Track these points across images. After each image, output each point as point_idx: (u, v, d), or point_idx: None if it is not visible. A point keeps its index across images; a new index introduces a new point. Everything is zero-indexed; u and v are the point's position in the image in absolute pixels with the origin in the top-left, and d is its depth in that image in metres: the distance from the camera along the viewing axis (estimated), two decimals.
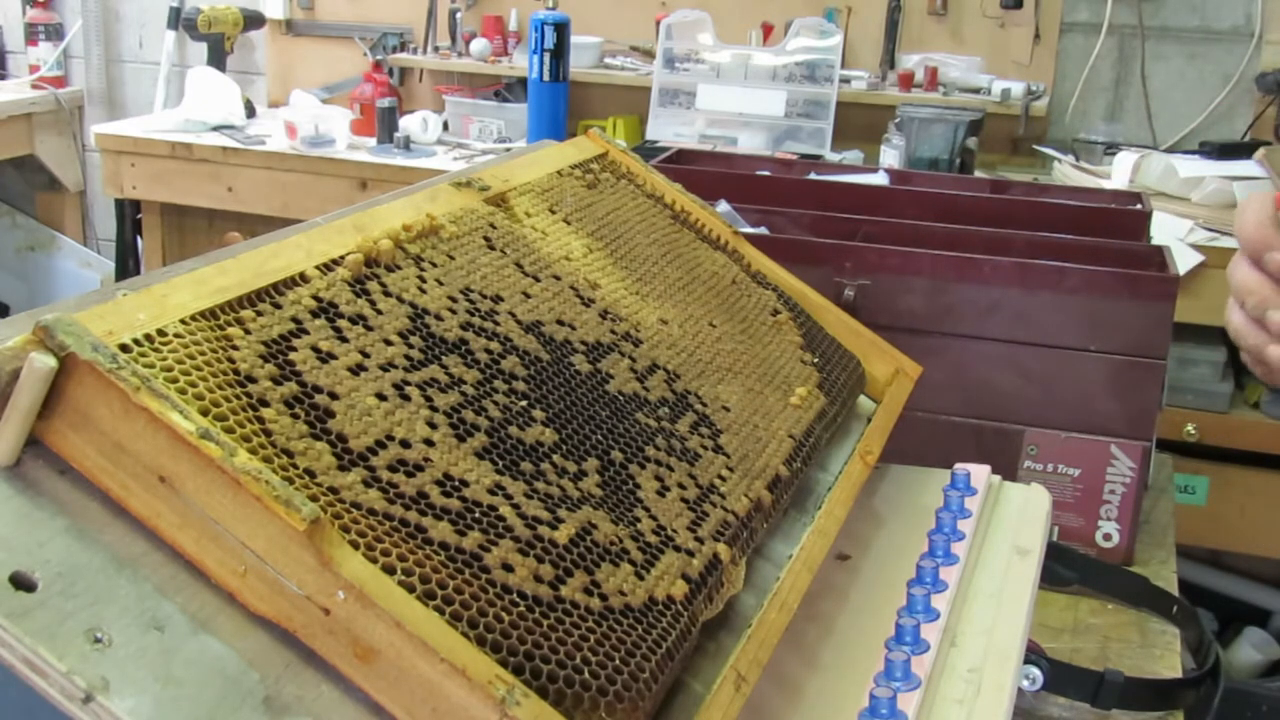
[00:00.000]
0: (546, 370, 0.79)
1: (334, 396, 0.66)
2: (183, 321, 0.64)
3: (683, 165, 1.82)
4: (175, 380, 0.61)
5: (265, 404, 0.63)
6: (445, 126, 2.94)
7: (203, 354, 0.63)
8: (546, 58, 2.73)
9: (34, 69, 3.53)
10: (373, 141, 2.82)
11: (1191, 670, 1.14)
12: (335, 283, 0.74)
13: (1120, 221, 1.63)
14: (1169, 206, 2.32)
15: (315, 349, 0.68)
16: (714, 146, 2.69)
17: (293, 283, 0.72)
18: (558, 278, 0.89)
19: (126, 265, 3.26)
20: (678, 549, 0.71)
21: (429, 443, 0.67)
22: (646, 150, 2.44)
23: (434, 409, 0.69)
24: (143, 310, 0.64)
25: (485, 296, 0.82)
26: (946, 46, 2.90)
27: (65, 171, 3.58)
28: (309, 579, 0.56)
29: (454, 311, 0.78)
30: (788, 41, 2.82)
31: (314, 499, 0.58)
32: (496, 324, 0.80)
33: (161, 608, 0.56)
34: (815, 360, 1.01)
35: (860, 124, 2.82)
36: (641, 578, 0.67)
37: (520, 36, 3.11)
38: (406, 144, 2.78)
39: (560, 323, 0.84)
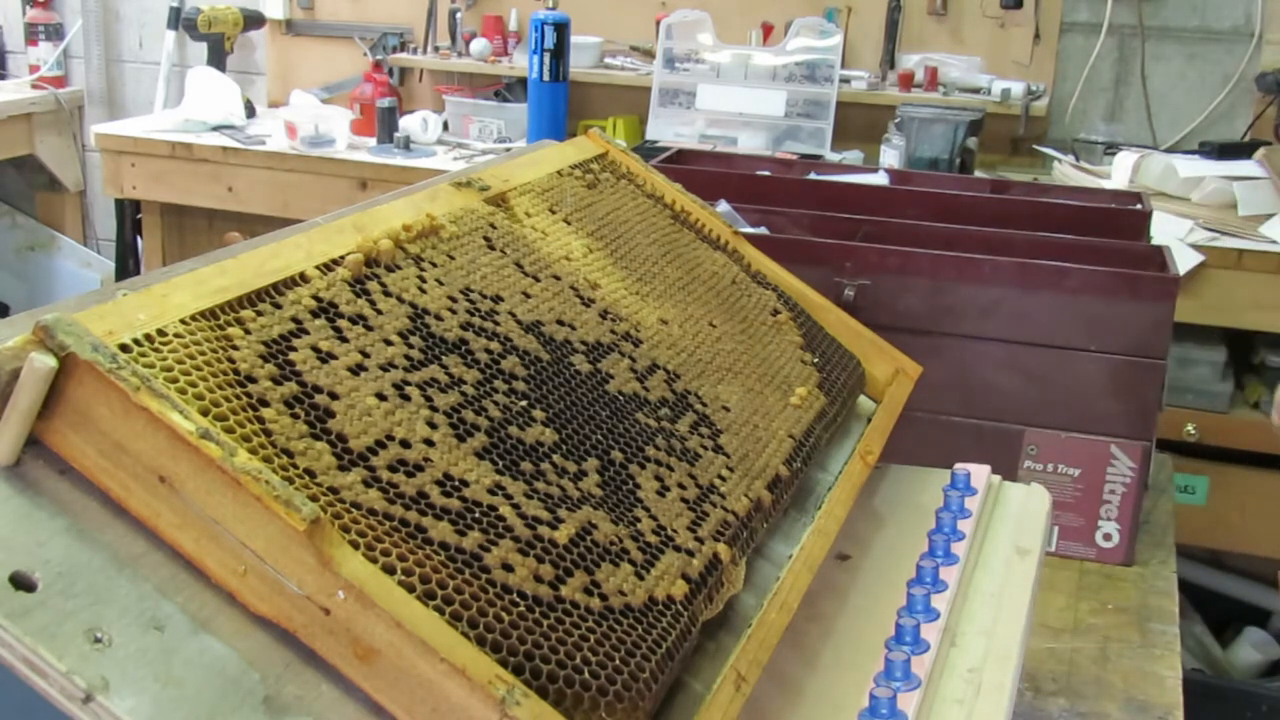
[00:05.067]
0: (546, 370, 0.79)
1: (334, 396, 0.66)
2: (183, 321, 0.64)
3: (683, 165, 1.82)
4: (175, 380, 0.61)
5: (265, 404, 0.63)
6: (445, 126, 2.94)
7: (203, 354, 0.63)
8: (546, 58, 2.73)
9: (34, 69, 3.53)
10: (373, 141, 2.82)
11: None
12: (335, 283, 0.74)
13: (1120, 221, 1.63)
14: (1169, 206, 2.32)
15: (315, 349, 0.68)
16: (714, 146, 2.69)
17: (293, 283, 0.72)
18: (558, 278, 0.89)
19: (126, 265, 3.26)
20: (678, 549, 0.71)
21: (429, 443, 0.67)
22: (646, 150, 2.44)
23: (434, 409, 0.69)
24: (143, 310, 0.64)
25: (485, 296, 0.82)
26: (946, 46, 2.90)
27: (65, 171, 3.58)
28: (309, 579, 0.56)
29: (454, 311, 0.78)
30: (788, 41, 2.82)
31: (314, 499, 0.58)
32: (496, 324, 0.80)
33: (161, 608, 0.56)
34: (815, 360, 1.01)
35: (860, 124, 2.81)
36: (641, 578, 0.67)
37: (520, 36, 3.10)
38: (406, 144, 2.78)
39: (560, 323, 0.84)
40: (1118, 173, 2.47)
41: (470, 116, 2.96)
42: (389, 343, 0.72)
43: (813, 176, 1.87)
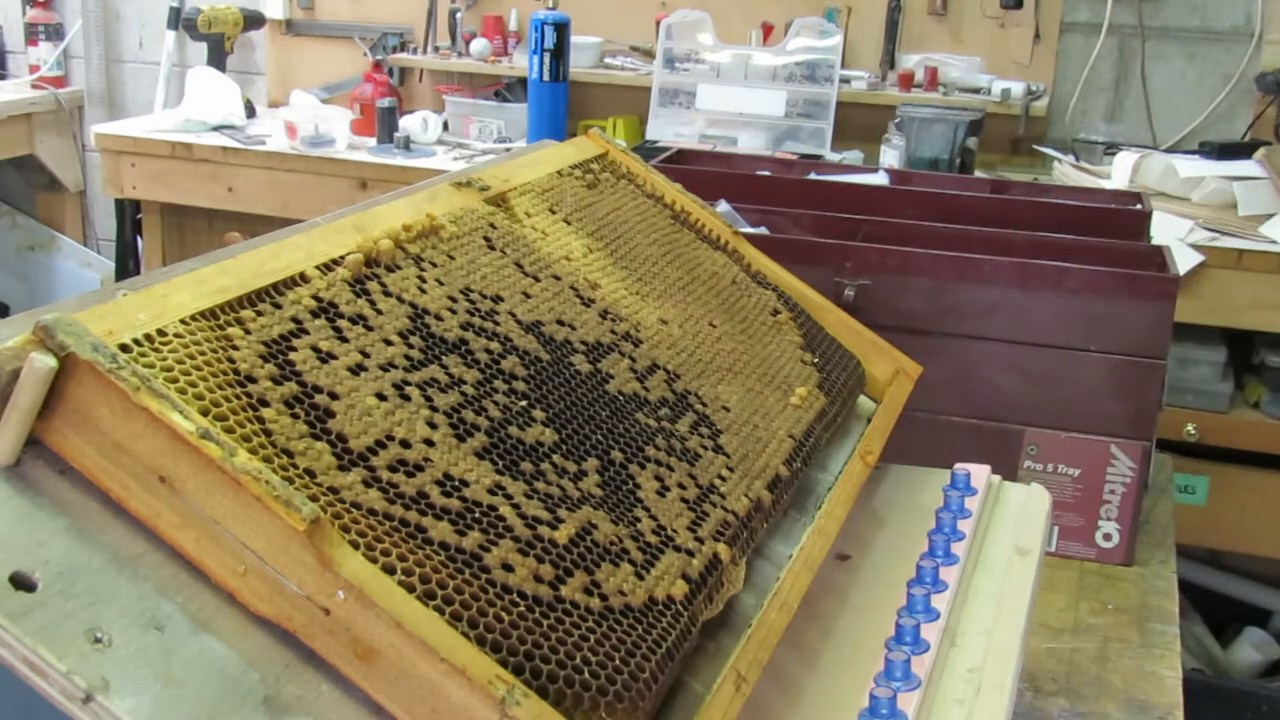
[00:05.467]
0: (546, 370, 0.79)
1: (334, 396, 0.66)
2: (183, 321, 0.64)
3: (683, 165, 1.82)
4: (175, 380, 0.61)
5: (265, 404, 0.63)
6: (445, 126, 2.94)
7: (203, 354, 0.63)
8: (546, 58, 2.73)
9: (34, 69, 3.53)
10: (373, 141, 2.82)
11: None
12: (335, 283, 0.74)
13: (1120, 221, 1.63)
14: (1169, 206, 2.32)
15: (315, 349, 0.68)
16: (714, 146, 2.69)
17: (293, 283, 0.72)
18: (558, 278, 0.89)
19: (126, 265, 3.26)
20: (678, 549, 0.71)
21: (429, 443, 0.67)
22: (646, 150, 2.44)
23: (434, 409, 0.69)
24: (143, 310, 0.64)
25: (485, 296, 0.82)
26: (946, 46, 2.90)
27: (65, 171, 3.58)
28: (309, 579, 0.56)
29: (454, 311, 0.78)
30: (788, 41, 2.82)
31: (314, 499, 0.58)
32: (496, 324, 0.80)
33: (161, 608, 0.56)
34: (815, 360, 1.01)
35: (860, 124, 2.81)
36: (641, 578, 0.67)
37: (520, 36, 3.10)
38: (406, 144, 2.78)
39: (560, 323, 0.84)
40: (1118, 173, 2.47)
41: (470, 116, 2.96)
42: (389, 343, 0.72)
43: (813, 176, 1.87)
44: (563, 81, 2.77)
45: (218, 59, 3.13)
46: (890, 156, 2.54)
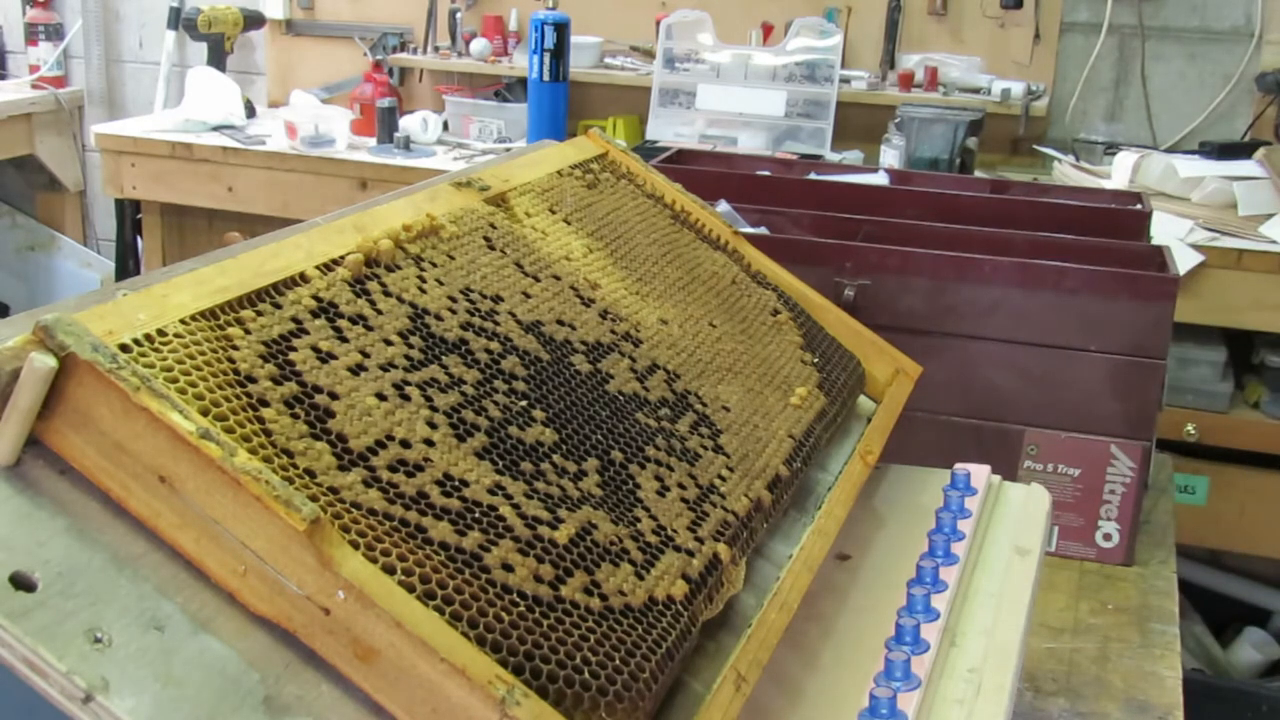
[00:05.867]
0: (546, 370, 0.79)
1: (334, 396, 0.66)
2: (183, 321, 0.64)
3: (683, 165, 1.82)
4: (175, 380, 0.61)
5: (265, 404, 0.63)
6: (445, 126, 2.94)
7: (203, 354, 0.63)
8: (546, 58, 2.73)
9: (34, 69, 3.53)
10: (373, 141, 2.82)
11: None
12: (335, 283, 0.74)
13: (1120, 221, 1.63)
14: (1169, 206, 2.32)
15: (315, 349, 0.68)
16: (714, 146, 2.69)
17: (293, 283, 0.72)
18: (558, 278, 0.89)
19: (126, 265, 3.26)
20: (678, 549, 0.71)
21: (429, 443, 0.67)
22: (646, 150, 2.44)
23: (434, 409, 0.69)
24: (143, 310, 0.64)
25: (485, 296, 0.82)
26: (946, 46, 2.90)
27: (65, 171, 3.58)
28: (309, 579, 0.56)
29: (454, 311, 0.78)
30: (788, 41, 2.82)
31: (314, 499, 0.58)
32: (496, 324, 0.80)
33: (161, 608, 0.56)
34: (815, 360, 1.01)
35: (860, 124, 2.81)
36: (641, 578, 0.67)
37: (520, 36, 3.10)
38: (406, 144, 2.78)
39: (560, 323, 0.84)
40: (1118, 173, 2.47)
41: (470, 116, 2.96)
42: (389, 343, 0.72)
43: (813, 176, 1.87)
44: (563, 81, 2.77)
45: (218, 59, 3.13)
46: (890, 156, 2.54)
